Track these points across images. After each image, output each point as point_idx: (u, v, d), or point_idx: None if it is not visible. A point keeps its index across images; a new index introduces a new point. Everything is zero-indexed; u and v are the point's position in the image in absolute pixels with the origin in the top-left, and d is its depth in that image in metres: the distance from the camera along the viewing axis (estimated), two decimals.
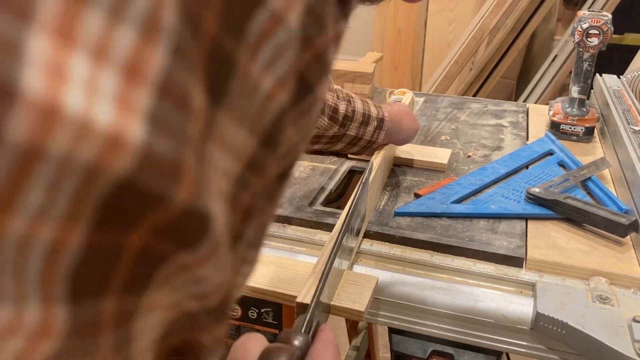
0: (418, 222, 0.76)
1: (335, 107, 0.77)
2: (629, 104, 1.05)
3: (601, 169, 0.88)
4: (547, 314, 0.59)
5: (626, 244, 0.71)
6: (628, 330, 0.57)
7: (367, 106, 0.81)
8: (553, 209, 0.77)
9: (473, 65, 2.94)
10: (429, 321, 0.66)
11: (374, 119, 0.81)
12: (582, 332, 0.57)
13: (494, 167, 0.91)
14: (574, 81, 1.04)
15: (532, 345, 0.63)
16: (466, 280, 0.68)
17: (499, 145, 1.03)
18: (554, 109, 1.06)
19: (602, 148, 1.02)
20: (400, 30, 3.16)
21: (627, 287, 0.65)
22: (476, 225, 0.75)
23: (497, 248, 0.70)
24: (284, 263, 0.69)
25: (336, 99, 0.78)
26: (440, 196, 0.81)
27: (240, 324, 0.80)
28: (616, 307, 0.60)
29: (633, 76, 1.74)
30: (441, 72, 2.71)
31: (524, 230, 0.74)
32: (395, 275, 0.68)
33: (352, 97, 0.80)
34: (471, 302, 0.64)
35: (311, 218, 0.76)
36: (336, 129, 0.78)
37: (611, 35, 0.98)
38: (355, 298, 0.60)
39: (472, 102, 1.27)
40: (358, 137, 0.80)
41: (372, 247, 0.72)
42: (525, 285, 0.66)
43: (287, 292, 0.61)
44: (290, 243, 0.75)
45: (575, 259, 0.68)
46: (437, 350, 0.72)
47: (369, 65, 1.31)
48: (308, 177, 0.89)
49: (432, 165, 0.92)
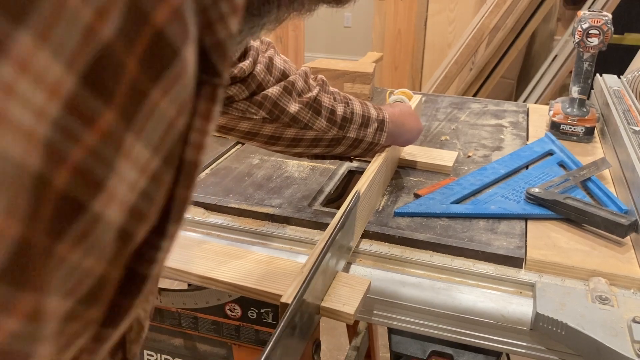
0: (418, 223, 0.75)
1: (332, 109, 0.77)
2: (629, 104, 1.05)
3: (601, 169, 0.88)
4: (546, 314, 0.59)
5: (626, 245, 0.71)
6: (628, 331, 0.57)
7: (367, 108, 0.81)
8: (553, 209, 0.76)
9: (473, 65, 2.94)
10: (429, 321, 0.66)
11: (374, 120, 0.80)
12: (581, 332, 0.57)
13: (493, 167, 0.91)
14: (574, 81, 1.04)
15: (532, 345, 0.63)
16: (466, 280, 0.68)
17: (499, 146, 1.03)
18: (554, 109, 1.06)
19: (602, 148, 1.02)
20: (400, 30, 3.16)
21: (627, 287, 0.65)
22: (476, 225, 0.75)
23: (497, 248, 0.70)
24: (282, 263, 0.69)
25: (333, 101, 0.77)
26: (439, 196, 0.81)
27: (240, 324, 0.80)
28: (616, 308, 0.60)
29: (633, 76, 1.74)
30: (441, 72, 2.71)
31: (524, 230, 0.74)
32: (394, 276, 0.68)
33: (350, 99, 0.80)
34: (471, 303, 0.64)
35: (311, 218, 0.76)
36: (335, 131, 0.78)
37: (611, 35, 0.98)
38: (346, 300, 0.60)
39: (472, 102, 1.27)
40: (359, 140, 0.80)
41: (371, 247, 0.72)
42: (525, 285, 0.66)
43: (275, 292, 0.60)
44: (290, 243, 0.75)
45: (575, 260, 0.68)
46: (437, 350, 0.72)
47: (369, 65, 1.31)
48: (307, 178, 0.89)
49: (437, 168, 0.91)
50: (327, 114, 0.76)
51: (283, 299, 0.53)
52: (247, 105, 0.71)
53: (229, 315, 0.79)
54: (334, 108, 0.77)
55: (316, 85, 0.77)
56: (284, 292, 0.54)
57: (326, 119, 0.76)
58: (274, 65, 0.73)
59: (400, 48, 3.18)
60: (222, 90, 0.25)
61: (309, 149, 0.79)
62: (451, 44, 3.11)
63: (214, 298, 0.79)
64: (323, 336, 0.73)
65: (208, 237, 0.77)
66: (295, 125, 0.75)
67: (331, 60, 1.37)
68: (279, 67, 0.73)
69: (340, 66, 1.28)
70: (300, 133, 0.76)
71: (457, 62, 2.64)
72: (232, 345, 0.82)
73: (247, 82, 0.70)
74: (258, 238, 0.76)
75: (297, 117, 0.74)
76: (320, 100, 0.76)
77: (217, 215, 0.79)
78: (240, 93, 0.71)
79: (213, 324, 0.81)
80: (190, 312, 0.82)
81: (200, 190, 0.83)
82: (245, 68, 0.69)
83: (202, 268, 0.66)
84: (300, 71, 0.76)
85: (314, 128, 0.76)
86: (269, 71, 0.72)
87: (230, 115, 0.72)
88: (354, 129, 0.79)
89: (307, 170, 0.91)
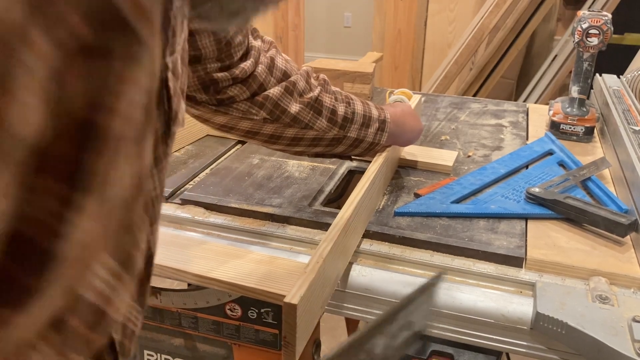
0: (418, 222, 0.76)
1: (333, 109, 0.77)
2: (629, 104, 1.05)
3: (601, 168, 0.88)
4: (547, 313, 0.59)
5: (626, 244, 0.71)
6: (628, 330, 0.57)
7: (368, 108, 0.80)
8: (553, 209, 0.76)
9: (473, 65, 2.94)
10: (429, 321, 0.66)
11: (375, 120, 0.80)
12: (582, 332, 0.57)
13: (493, 167, 0.91)
14: (573, 81, 1.04)
15: (532, 345, 0.63)
16: (466, 280, 0.68)
17: (499, 145, 1.03)
18: (554, 109, 1.06)
19: (602, 148, 1.02)
20: (400, 30, 3.16)
21: (627, 287, 0.65)
22: (476, 225, 0.75)
23: (497, 248, 0.70)
24: (283, 263, 0.69)
25: (334, 100, 0.77)
26: (440, 196, 0.81)
27: (240, 323, 0.80)
28: (616, 307, 0.60)
29: (633, 76, 1.74)
30: (441, 72, 2.71)
31: (524, 230, 0.74)
32: (395, 276, 0.68)
33: (351, 99, 0.80)
34: (471, 302, 0.64)
35: (311, 218, 0.76)
36: (336, 131, 0.78)
37: (611, 35, 0.98)
38: None
39: (472, 102, 1.27)
40: (359, 140, 0.80)
41: (371, 247, 0.72)
42: (525, 285, 0.66)
43: (277, 292, 0.60)
44: (290, 243, 0.75)
45: (575, 259, 0.68)
46: (437, 350, 0.72)
47: (369, 65, 1.31)
48: (307, 177, 0.89)
49: (437, 168, 0.91)
50: (328, 114, 0.76)
51: (286, 299, 0.53)
52: (248, 106, 0.71)
53: (229, 315, 0.79)
54: (335, 108, 0.77)
55: (318, 85, 0.77)
56: (285, 292, 0.54)
57: (327, 119, 0.76)
58: (276, 66, 0.73)
59: (400, 48, 3.18)
60: (145, 50, 0.24)
61: (309, 148, 0.79)
62: (451, 44, 3.11)
63: (214, 298, 0.79)
64: (323, 336, 0.73)
65: (208, 237, 0.77)
66: (296, 125, 0.75)
67: (331, 60, 1.37)
68: (280, 67, 0.73)
69: (340, 66, 1.28)
70: (301, 133, 0.76)
71: (457, 62, 2.64)
72: (232, 345, 0.82)
73: (248, 83, 0.70)
74: (258, 238, 0.76)
75: (298, 117, 0.74)
76: (322, 101, 0.76)
77: (217, 215, 0.79)
78: (242, 94, 0.71)
79: (213, 323, 0.81)
80: (190, 312, 0.82)
81: (201, 190, 0.83)
82: (247, 68, 0.69)
83: (202, 268, 0.66)
84: (301, 71, 0.76)
85: (314, 128, 0.76)
86: (270, 71, 0.72)
87: (230, 115, 0.72)
88: (355, 129, 0.79)
89: (307, 170, 0.91)
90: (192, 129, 1.00)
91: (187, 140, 1.00)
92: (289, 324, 0.53)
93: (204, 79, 0.67)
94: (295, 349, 0.53)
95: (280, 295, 0.56)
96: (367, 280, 0.68)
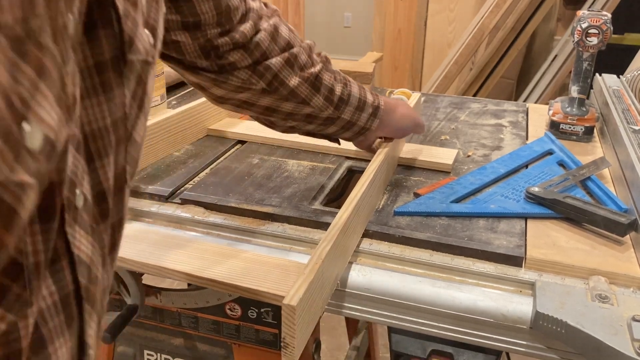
0: (417, 222, 0.76)
1: (331, 87, 0.77)
2: (629, 104, 1.05)
3: (601, 168, 0.88)
4: (546, 313, 0.59)
5: (626, 243, 0.71)
6: (627, 329, 0.57)
7: (364, 92, 0.81)
8: (552, 209, 0.77)
9: (473, 65, 2.94)
10: (429, 320, 0.66)
11: (369, 105, 0.80)
12: (581, 331, 0.57)
13: (493, 166, 0.91)
14: (573, 81, 1.04)
15: (532, 344, 0.63)
16: (466, 279, 0.68)
17: (499, 145, 1.03)
18: (554, 109, 1.06)
19: (602, 147, 1.02)
20: (400, 30, 3.16)
21: (627, 286, 0.65)
22: (476, 224, 0.75)
23: (497, 247, 0.70)
24: (283, 263, 0.69)
25: (333, 80, 0.77)
26: (439, 196, 0.81)
27: (240, 323, 0.80)
28: (616, 307, 0.60)
29: (633, 76, 1.74)
30: (441, 72, 2.71)
31: (524, 229, 0.74)
32: (394, 275, 0.68)
33: (349, 81, 0.80)
34: (471, 302, 0.64)
35: (310, 217, 0.76)
36: (331, 111, 0.77)
37: (611, 35, 0.98)
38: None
39: (472, 102, 1.28)
40: (352, 122, 0.80)
41: (371, 246, 0.72)
42: (525, 284, 0.66)
43: (276, 292, 0.60)
44: (290, 242, 0.75)
45: (574, 258, 0.68)
46: (437, 349, 0.72)
47: (369, 65, 1.32)
48: (307, 177, 0.89)
49: (436, 166, 0.92)
50: (326, 92, 0.76)
51: (285, 301, 0.52)
52: (249, 75, 0.70)
53: (229, 314, 0.79)
54: (333, 87, 0.77)
55: (319, 62, 0.77)
56: (284, 292, 0.54)
57: (324, 97, 0.76)
58: (280, 34, 0.72)
59: (400, 48, 3.19)
60: None
61: (302, 123, 0.79)
62: (451, 44, 3.12)
63: (214, 298, 0.79)
64: (323, 336, 0.73)
65: (208, 236, 0.77)
66: (293, 99, 0.74)
67: (331, 60, 1.37)
68: (284, 36, 0.72)
69: (340, 66, 1.28)
70: (297, 108, 0.75)
71: (457, 62, 2.64)
72: (232, 344, 0.82)
73: (249, 50, 0.69)
74: (258, 237, 0.76)
75: (296, 91, 0.74)
76: (322, 78, 0.75)
77: (217, 214, 0.79)
78: (243, 60, 0.69)
79: (213, 323, 0.82)
80: (190, 312, 0.82)
81: (200, 189, 0.84)
82: (247, 32, 0.68)
83: (202, 268, 0.66)
84: (304, 44, 0.75)
85: (310, 104, 0.75)
86: (274, 40, 0.71)
87: (229, 84, 0.71)
88: (349, 111, 0.79)
89: (307, 170, 0.91)
90: (192, 129, 1.00)
91: (187, 140, 1.00)
92: (288, 326, 0.53)
93: (204, 45, 0.66)
94: (294, 350, 0.53)
95: (280, 296, 0.56)
96: (367, 280, 0.68)
